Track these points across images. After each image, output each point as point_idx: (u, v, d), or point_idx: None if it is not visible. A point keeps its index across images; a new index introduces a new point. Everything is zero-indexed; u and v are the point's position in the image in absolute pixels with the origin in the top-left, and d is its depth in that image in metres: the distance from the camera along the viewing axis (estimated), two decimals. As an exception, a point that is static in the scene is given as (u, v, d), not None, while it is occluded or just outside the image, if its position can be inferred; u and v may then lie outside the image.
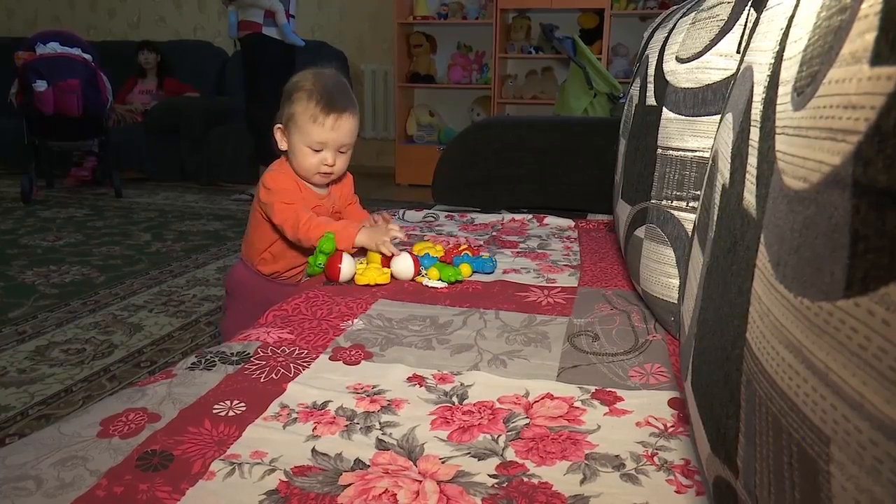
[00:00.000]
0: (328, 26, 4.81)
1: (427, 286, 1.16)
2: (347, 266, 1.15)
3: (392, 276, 1.17)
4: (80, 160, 4.08)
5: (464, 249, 1.30)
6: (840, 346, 0.26)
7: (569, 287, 1.16)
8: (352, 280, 1.15)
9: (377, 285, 1.14)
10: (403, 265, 1.17)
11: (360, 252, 1.23)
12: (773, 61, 0.47)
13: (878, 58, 0.25)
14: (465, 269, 1.20)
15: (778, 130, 0.39)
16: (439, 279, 1.17)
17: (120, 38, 5.02)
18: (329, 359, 0.87)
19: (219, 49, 4.79)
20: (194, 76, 4.60)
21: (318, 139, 1.24)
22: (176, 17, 5.16)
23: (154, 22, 5.20)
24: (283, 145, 1.28)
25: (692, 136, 0.95)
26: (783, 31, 0.47)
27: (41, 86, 3.38)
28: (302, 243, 1.26)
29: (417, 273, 1.18)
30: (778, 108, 0.41)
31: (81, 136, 3.67)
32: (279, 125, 1.27)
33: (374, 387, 0.79)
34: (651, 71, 1.10)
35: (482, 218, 1.72)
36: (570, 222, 1.66)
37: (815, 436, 0.29)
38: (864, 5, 0.26)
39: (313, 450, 0.65)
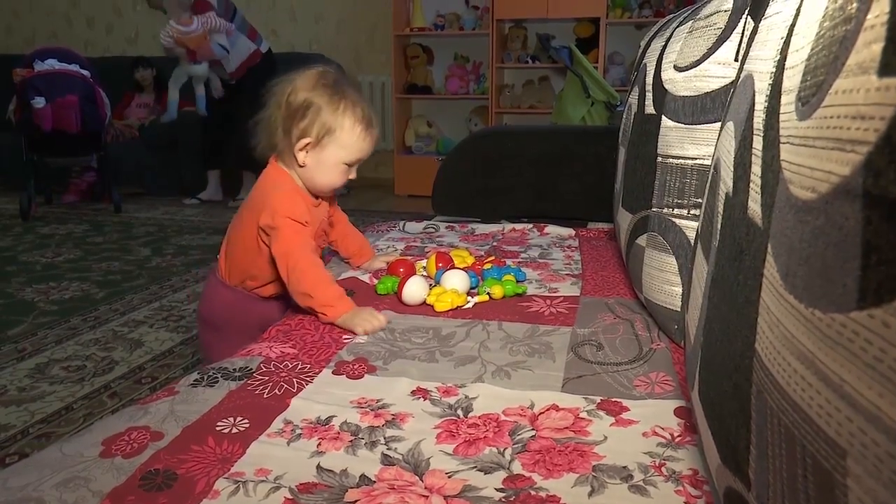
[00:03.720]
0: (325, 39, 4.83)
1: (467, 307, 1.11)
2: (414, 288, 1.10)
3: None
4: (79, 175, 4.08)
5: (490, 261, 1.30)
6: (854, 358, 0.26)
7: (571, 296, 1.16)
8: (423, 304, 1.11)
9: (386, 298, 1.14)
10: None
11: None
12: (774, 70, 0.47)
13: (886, 68, 0.24)
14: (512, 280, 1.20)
15: (782, 140, 0.39)
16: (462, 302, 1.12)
17: (118, 54, 5.03)
18: (332, 373, 0.86)
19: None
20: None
21: (359, 156, 1.17)
22: (173, 32, 5.17)
23: (152, 37, 5.21)
24: (305, 160, 1.15)
25: (692, 144, 0.95)
26: (783, 40, 0.47)
27: (39, 102, 3.39)
28: (289, 284, 1.08)
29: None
30: (781, 117, 0.41)
31: (80, 152, 3.67)
32: (307, 139, 1.13)
33: (378, 401, 0.79)
34: (649, 80, 1.11)
35: (482, 228, 1.72)
36: (571, 231, 1.66)
37: (830, 448, 0.28)
38: (869, 16, 0.26)
39: (318, 466, 0.65)
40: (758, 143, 0.47)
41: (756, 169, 0.46)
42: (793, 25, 0.45)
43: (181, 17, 3.40)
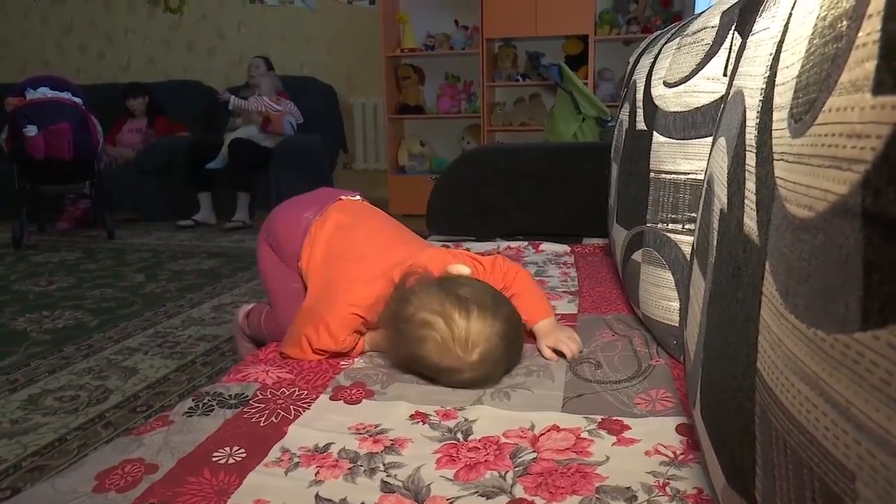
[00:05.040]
0: (316, 61, 4.86)
1: None
2: None
3: None
4: (73, 202, 4.08)
5: None
6: (860, 380, 0.25)
7: (569, 314, 1.15)
8: None
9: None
10: None
11: None
12: (764, 87, 0.47)
13: (880, 87, 0.24)
14: None
15: (776, 156, 0.39)
16: None
17: (110, 81, 5.04)
18: (329, 399, 0.85)
19: (208, 88, 4.82)
20: (184, 115, 4.62)
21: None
22: (165, 57, 5.20)
23: (143, 63, 5.24)
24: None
25: (684, 159, 0.95)
26: (773, 56, 0.47)
27: (31, 131, 3.39)
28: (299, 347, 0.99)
29: None
30: (774, 133, 0.40)
31: (73, 180, 3.66)
32: (385, 324, 0.94)
33: (376, 426, 0.78)
34: (639, 96, 1.11)
35: (477, 247, 1.71)
36: (566, 248, 1.66)
37: (838, 471, 0.28)
38: (860, 34, 0.26)
39: (317, 496, 0.64)
40: (751, 159, 0.47)
41: (750, 185, 0.45)
42: (781, 42, 0.45)
43: (272, 97, 4.13)
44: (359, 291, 1.00)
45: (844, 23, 0.29)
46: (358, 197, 1.25)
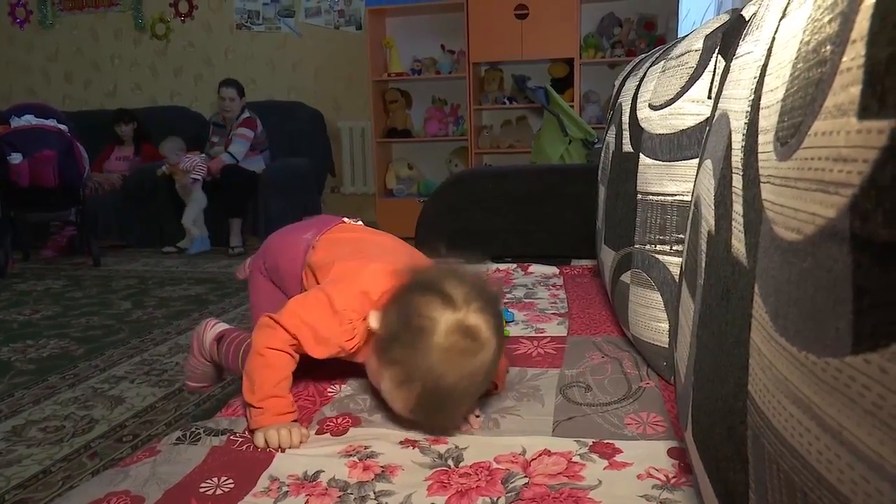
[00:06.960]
0: (304, 86, 4.88)
1: None
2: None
3: None
4: (59, 230, 4.04)
5: None
6: (853, 404, 0.25)
7: (558, 336, 1.15)
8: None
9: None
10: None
11: None
12: (749, 109, 0.48)
13: (866, 111, 0.24)
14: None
15: (763, 179, 0.39)
16: None
17: (96, 108, 5.04)
18: (315, 433, 0.83)
19: (195, 114, 4.82)
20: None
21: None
22: (152, 84, 5.20)
23: (130, 90, 5.24)
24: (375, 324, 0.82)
25: (671, 181, 0.96)
26: (757, 80, 0.47)
27: (16, 158, 3.37)
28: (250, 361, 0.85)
29: None
30: (760, 156, 0.41)
31: (58, 207, 3.64)
32: (386, 354, 0.79)
33: (366, 447, 0.77)
34: (625, 118, 1.12)
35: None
36: (555, 269, 1.66)
37: (833, 496, 0.27)
38: (844, 59, 0.26)
39: (306, 527, 0.62)
40: (737, 181, 0.47)
41: (738, 208, 0.46)
42: (765, 66, 0.46)
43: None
44: (371, 272, 0.88)
45: (828, 47, 0.29)
46: (360, 222, 1.20)
